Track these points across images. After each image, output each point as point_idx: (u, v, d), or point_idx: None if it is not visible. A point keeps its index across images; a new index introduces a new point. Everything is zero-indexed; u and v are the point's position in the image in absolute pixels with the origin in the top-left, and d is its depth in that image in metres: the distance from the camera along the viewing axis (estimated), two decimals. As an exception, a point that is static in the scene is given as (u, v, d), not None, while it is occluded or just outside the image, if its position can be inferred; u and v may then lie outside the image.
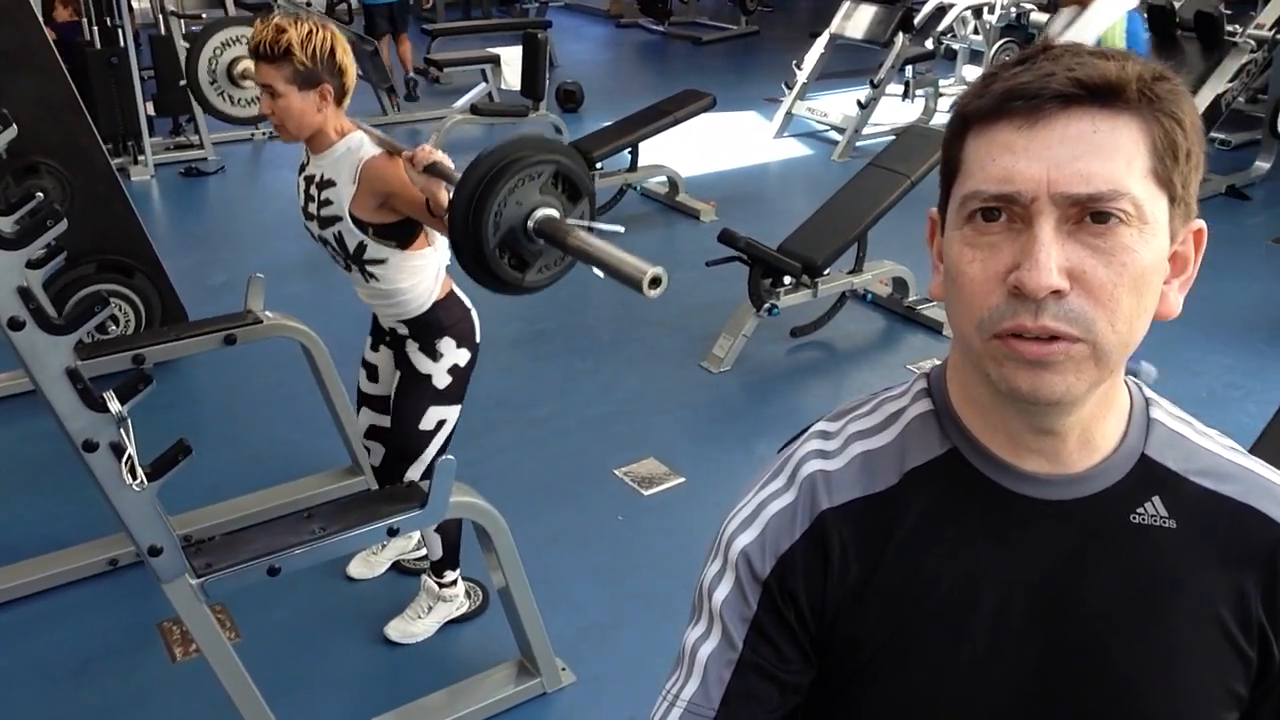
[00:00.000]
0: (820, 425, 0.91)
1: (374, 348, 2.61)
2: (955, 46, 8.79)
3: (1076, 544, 0.80)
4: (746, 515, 0.87)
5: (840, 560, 0.83)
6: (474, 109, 6.67)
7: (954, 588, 0.81)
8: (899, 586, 0.82)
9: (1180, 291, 0.78)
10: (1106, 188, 0.69)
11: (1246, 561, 0.79)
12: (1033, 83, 0.71)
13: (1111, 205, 0.70)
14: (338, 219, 2.28)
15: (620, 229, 1.72)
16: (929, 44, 8.03)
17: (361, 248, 2.30)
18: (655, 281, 1.57)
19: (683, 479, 3.37)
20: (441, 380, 2.44)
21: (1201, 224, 0.77)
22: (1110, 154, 0.70)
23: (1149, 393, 0.85)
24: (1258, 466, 0.83)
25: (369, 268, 2.33)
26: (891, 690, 0.83)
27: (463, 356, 2.45)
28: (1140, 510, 0.79)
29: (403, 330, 2.44)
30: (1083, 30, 3.56)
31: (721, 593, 0.86)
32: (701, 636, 0.87)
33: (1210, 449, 0.83)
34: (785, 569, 0.84)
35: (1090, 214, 0.70)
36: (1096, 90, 0.70)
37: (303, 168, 2.39)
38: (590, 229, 1.71)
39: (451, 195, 1.84)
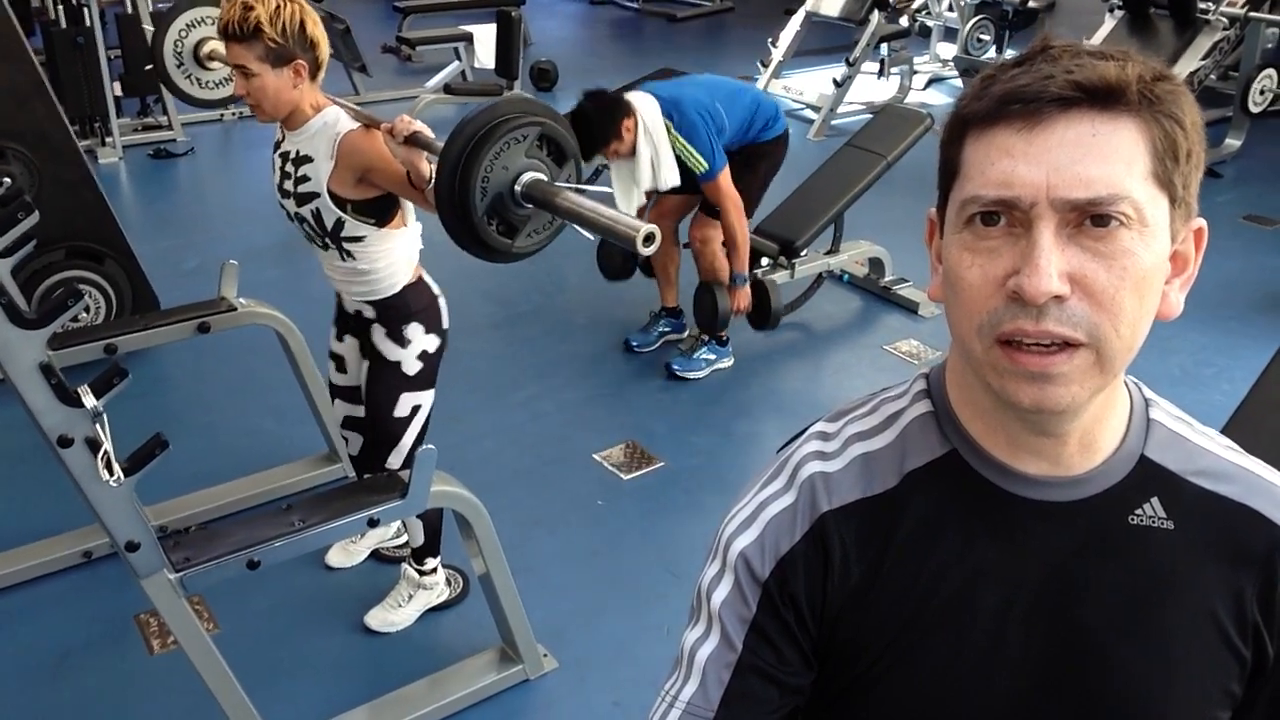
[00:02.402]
0: (819, 426, 0.91)
1: (339, 338, 2.58)
2: (930, 24, 8.77)
3: (1076, 545, 0.80)
4: (745, 516, 0.87)
5: (841, 562, 0.83)
6: (447, 88, 6.59)
7: (955, 589, 0.81)
8: (900, 588, 0.82)
9: (1181, 291, 0.77)
10: (1106, 191, 0.69)
11: (1243, 561, 0.79)
12: (1031, 85, 0.70)
13: (1112, 209, 0.69)
14: (315, 195, 2.25)
15: (609, 190, 1.70)
16: (904, 21, 8.01)
17: (339, 224, 2.26)
18: (649, 239, 1.54)
19: (662, 463, 3.36)
20: (411, 366, 2.41)
21: (1202, 223, 0.77)
22: (1110, 157, 0.69)
23: (1148, 393, 0.85)
24: (1256, 466, 0.83)
25: (346, 245, 2.29)
26: (893, 691, 0.83)
27: (431, 342, 2.43)
28: (1139, 511, 0.80)
29: (369, 313, 2.41)
30: (652, 165, 3.37)
31: (720, 594, 0.86)
32: (700, 638, 0.87)
33: (1209, 449, 0.83)
34: (785, 571, 0.83)
35: (1090, 218, 0.70)
36: (1096, 92, 0.69)
37: (277, 144, 2.34)
38: (579, 190, 1.69)
39: (435, 165, 1.81)
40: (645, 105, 3.43)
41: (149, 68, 3.06)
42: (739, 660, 0.84)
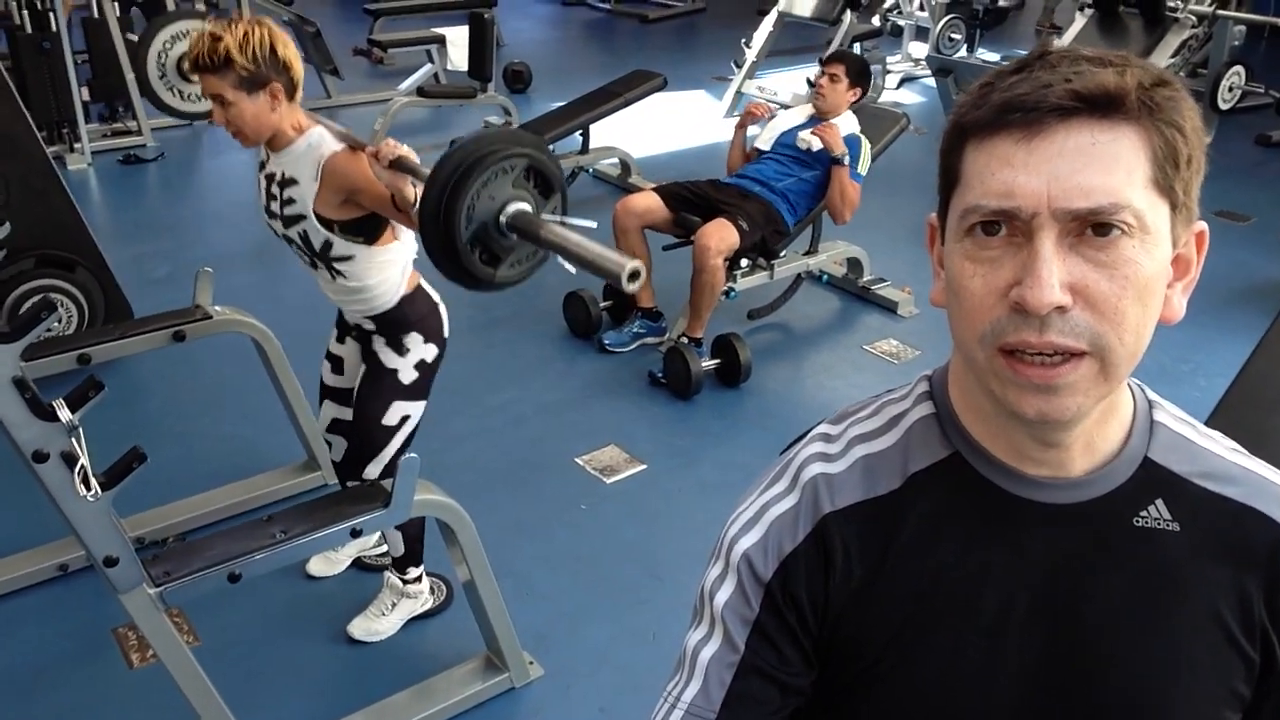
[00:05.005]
0: (822, 428, 0.91)
1: (340, 340, 2.58)
2: (901, 23, 8.82)
3: (1080, 547, 0.80)
4: (749, 518, 0.87)
5: (843, 563, 0.83)
6: (420, 91, 6.53)
7: (957, 590, 0.81)
8: (903, 589, 0.82)
9: (1183, 295, 0.77)
10: (1107, 201, 0.69)
11: (1248, 563, 0.80)
12: (1030, 94, 0.70)
13: (1113, 218, 0.69)
14: (302, 218, 2.24)
15: (593, 224, 1.69)
16: (875, 21, 8.04)
17: (328, 245, 2.25)
18: (634, 275, 1.54)
19: (644, 465, 3.35)
20: (408, 375, 2.40)
21: (1203, 225, 0.77)
22: (1110, 166, 0.69)
23: (1152, 395, 0.85)
24: (1260, 468, 0.84)
25: (336, 265, 2.29)
26: (895, 692, 0.83)
27: (430, 352, 2.42)
28: (1143, 513, 0.80)
29: (369, 326, 2.40)
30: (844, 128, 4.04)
31: (723, 595, 0.86)
32: (703, 639, 0.87)
33: (1213, 450, 0.83)
34: (788, 571, 0.83)
35: (1092, 227, 0.69)
36: (1095, 101, 0.69)
37: (262, 165, 2.33)
38: (563, 223, 1.68)
39: (419, 190, 1.80)
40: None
41: (132, 77, 3.02)
42: (741, 661, 0.85)
